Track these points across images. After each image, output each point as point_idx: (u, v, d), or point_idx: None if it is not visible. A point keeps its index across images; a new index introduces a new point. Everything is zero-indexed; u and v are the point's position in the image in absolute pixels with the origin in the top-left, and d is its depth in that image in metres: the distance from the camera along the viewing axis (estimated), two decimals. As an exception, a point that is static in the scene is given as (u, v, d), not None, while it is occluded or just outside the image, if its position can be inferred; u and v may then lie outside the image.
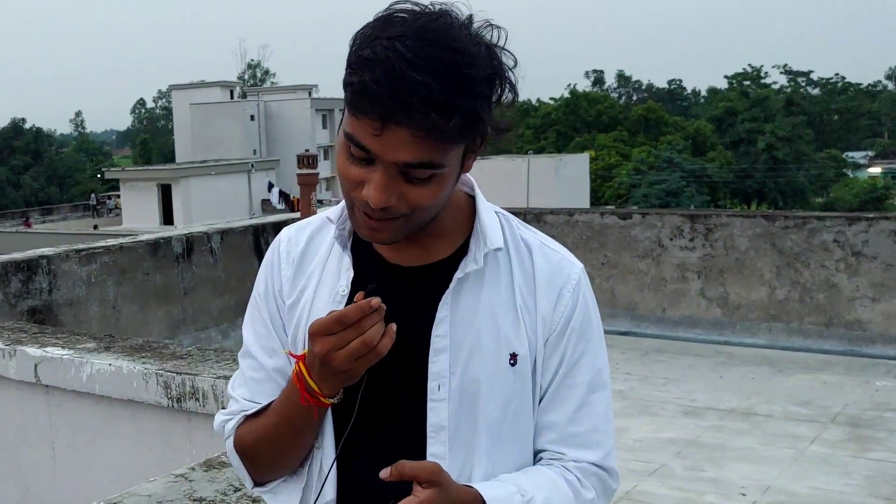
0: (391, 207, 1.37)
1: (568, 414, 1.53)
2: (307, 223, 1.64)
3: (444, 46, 1.30)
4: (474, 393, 1.48)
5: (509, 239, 1.54)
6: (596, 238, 9.56)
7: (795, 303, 8.75)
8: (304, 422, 1.49)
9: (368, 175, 1.36)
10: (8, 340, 4.28)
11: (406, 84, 1.27)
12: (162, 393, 3.66)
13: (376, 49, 1.30)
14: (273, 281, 1.61)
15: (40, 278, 6.86)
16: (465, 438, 1.48)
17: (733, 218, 9.13)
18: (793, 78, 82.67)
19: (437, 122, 1.29)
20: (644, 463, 6.10)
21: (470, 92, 1.31)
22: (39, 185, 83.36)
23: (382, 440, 1.50)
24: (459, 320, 1.48)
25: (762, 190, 64.26)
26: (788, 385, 7.80)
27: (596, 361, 1.55)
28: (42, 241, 31.11)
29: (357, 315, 1.34)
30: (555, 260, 1.55)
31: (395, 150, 1.32)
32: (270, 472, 1.58)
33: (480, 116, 1.34)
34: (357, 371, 1.39)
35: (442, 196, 1.41)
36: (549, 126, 71.69)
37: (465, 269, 1.48)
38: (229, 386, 1.65)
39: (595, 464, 1.53)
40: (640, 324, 9.39)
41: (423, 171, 1.35)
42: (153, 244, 7.98)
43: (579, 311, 1.53)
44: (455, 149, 1.37)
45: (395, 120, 1.29)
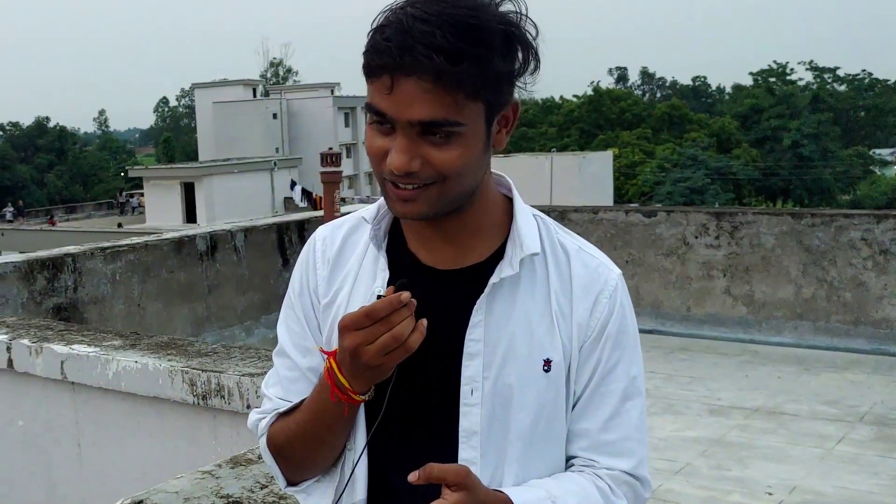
0: (417, 173, 1.37)
1: (601, 421, 1.51)
2: (342, 222, 1.63)
3: (453, 4, 1.32)
4: (507, 398, 1.47)
5: (546, 243, 1.53)
6: (620, 236, 9.52)
7: (822, 301, 8.67)
8: (335, 419, 1.48)
9: (391, 143, 1.37)
10: (35, 338, 4.30)
11: (412, 34, 1.30)
12: (187, 390, 3.66)
13: (388, 15, 1.34)
14: (308, 280, 1.60)
15: (66, 276, 6.90)
16: (496, 443, 1.47)
17: (759, 216, 9.06)
18: (819, 74, 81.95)
19: (443, 67, 1.29)
20: (669, 462, 6.07)
21: (477, 41, 1.31)
22: (63, 183, 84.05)
23: (415, 443, 1.49)
24: (494, 325, 1.47)
25: (788, 187, 63.82)
26: (815, 384, 7.73)
27: (631, 369, 1.53)
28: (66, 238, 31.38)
29: (387, 309, 1.34)
30: (592, 265, 1.53)
31: (407, 107, 1.32)
32: (303, 472, 1.57)
33: (493, 68, 1.33)
34: (387, 366, 1.38)
35: (468, 161, 1.39)
36: (573, 123, 71.48)
37: (500, 274, 1.47)
38: (263, 384, 1.64)
39: (627, 472, 1.52)
40: (665, 322, 9.34)
41: (441, 129, 1.34)
42: (177, 242, 8.01)
43: (615, 318, 1.51)
44: (470, 105, 1.35)
45: (403, 70, 1.30)
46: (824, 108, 71.47)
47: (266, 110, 60.77)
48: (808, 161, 62.82)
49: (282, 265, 8.90)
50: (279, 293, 8.70)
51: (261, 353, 3.91)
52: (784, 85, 74.97)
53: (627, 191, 57.38)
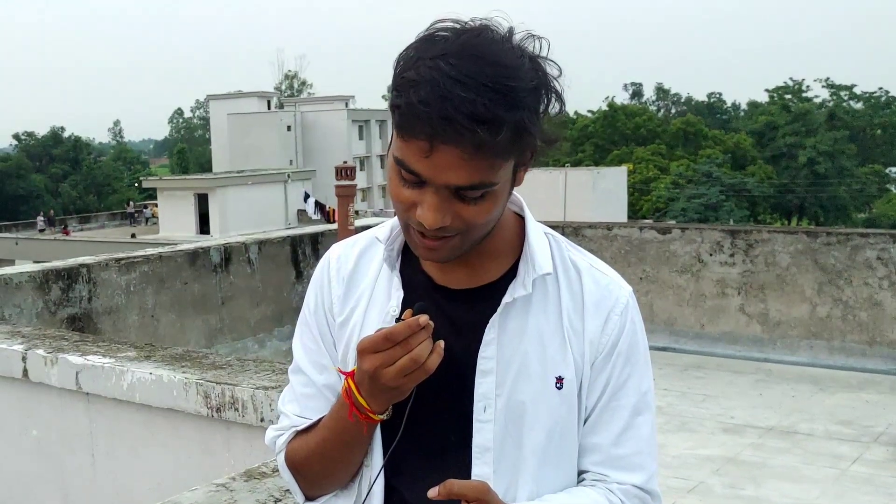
0: (447, 228, 1.38)
1: (612, 436, 1.53)
2: (355, 241, 1.64)
3: (487, 61, 1.30)
4: (520, 415, 1.48)
5: (558, 262, 1.54)
6: (635, 252, 9.50)
7: (838, 320, 8.63)
8: (353, 437, 1.49)
9: (421, 197, 1.37)
10: (50, 348, 4.32)
11: (452, 102, 1.27)
12: (201, 402, 3.67)
13: (420, 70, 1.31)
14: (323, 298, 1.61)
15: (80, 286, 6.92)
16: (510, 460, 1.49)
17: (775, 234, 9.03)
18: (835, 92, 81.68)
19: (485, 138, 1.29)
20: (682, 480, 6.03)
21: (516, 104, 1.31)
22: (77, 193, 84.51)
23: (429, 460, 1.50)
24: (506, 343, 1.48)
25: (803, 205, 63.64)
26: (830, 403, 7.69)
27: (642, 385, 1.55)
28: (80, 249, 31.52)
29: (405, 332, 1.35)
30: (603, 283, 1.55)
31: (445, 172, 1.32)
32: (321, 487, 1.59)
33: (528, 129, 1.33)
34: (405, 388, 1.40)
35: (495, 213, 1.42)
36: (587, 139, 71.51)
37: (513, 293, 1.49)
38: (280, 401, 1.65)
39: (638, 486, 1.53)
40: (679, 339, 9.30)
41: (476, 191, 1.35)
42: (192, 254, 8.03)
43: (626, 335, 1.53)
44: (505, 164, 1.37)
45: (443, 139, 1.29)
46: (840, 125, 71.23)
47: (280, 122, 61.01)
48: (824, 179, 62.63)
49: (295, 278, 8.91)
50: (292, 306, 8.71)
51: (275, 366, 3.91)
52: (800, 102, 74.78)
53: (641, 206, 57.33)
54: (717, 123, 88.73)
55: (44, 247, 39.66)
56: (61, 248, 36.76)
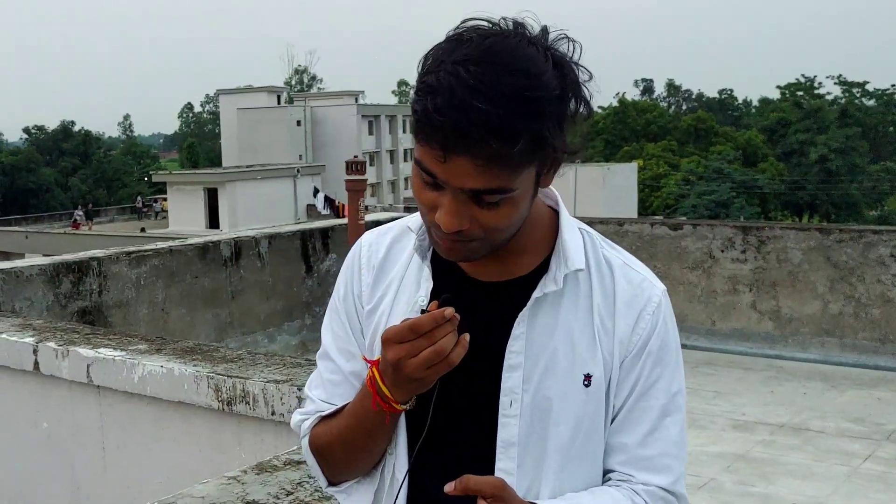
0: (464, 231, 1.37)
1: (639, 437, 1.51)
2: (388, 229, 1.63)
3: (508, 69, 1.28)
4: (546, 411, 1.47)
5: (591, 258, 1.52)
6: (646, 248, 9.47)
7: (850, 317, 8.59)
8: (376, 426, 1.49)
9: (440, 199, 1.36)
10: (61, 341, 4.32)
11: (467, 114, 1.26)
12: (212, 396, 3.66)
13: (440, 75, 1.29)
14: (353, 285, 1.61)
15: (91, 280, 6.92)
16: (534, 456, 1.48)
17: (787, 230, 8.99)
18: (847, 89, 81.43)
19: (500, 150, 1.27)
20: (693, 477, 6.01)
21: (535, 115, 1.29)
22: (87, 187, 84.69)
23: (453, 453, 1.49)
24: (535, 338, 1.47)
25: (814, 202, 63.43)
26: (842, 401, 7.66)
27: (672, 386, 1.53)
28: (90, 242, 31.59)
29: (430, 324, 1.34)
30: (636, 281, 1.52)
31: (460, 177, 1.31)
32: (344, 473, 1.59)
33: (548, 139, 1.31)
34: (429, 379, 1.39)
35: (516, 218, 1.40)
36: (598, 135, 71.36)
37: (544, 289, 1.47)
38: (306, 386, 1.66)
39: (664, 488, 1.51)
40: (690, 336, 9.27)
41: (493, 196, 1.34)
42: (202, 248, 8.03)
43: (657, 335, 1.51)
44: (525, 171, 1.34)
45: (457, 150, 1.28)
46: (852, 122, 70.99)
47: (290, 117, 61.06)
48: (836, 176, 62.43)
49: (305, 272, 8.90)
50: (302, 300, 8.72)
51: (286, 360, 3.91)
52: (812, 99, 74.59)
53: (652, 203, 57.20)
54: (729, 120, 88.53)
55: (53, 240, 39.77)
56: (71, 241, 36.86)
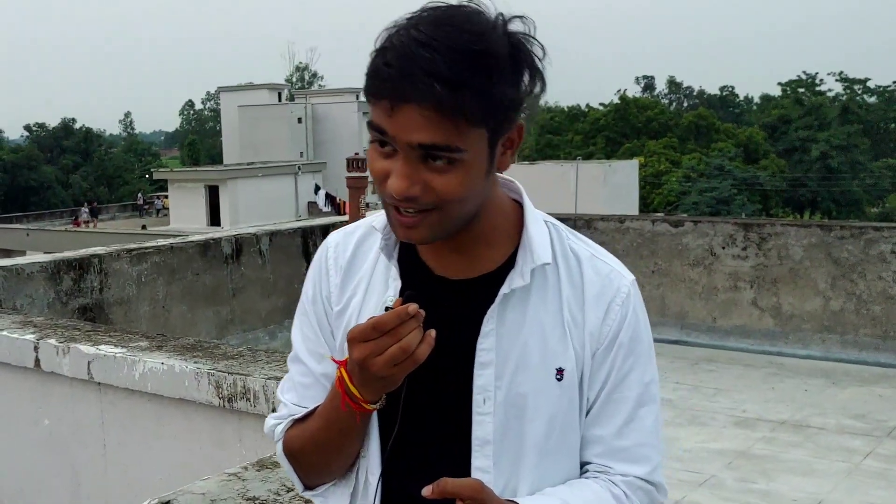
0: (417, 198, 1.36)
1: (615, 428, 1.51)
2: (354, 228, 1.63)
3: (457, 28, 1.31)
4: (521, 407, 1.47)
5: (558, 251, 1.52)
6: (647, 245, 9.46)
7: (851, 314, 8.58)
8: (348, 426, 1.48)
9: (392, 165, 1.36)
10: (62, 338, 4.32)
11: (414, 61, 1.28)
12: (213, 392, 3.67)
13: (392, 38, 1.33)
14: (321, 287, 1.61)
15: (92, 277, 6.93)
16: (510, 453, 1.48)
17: (788, 227, 8.99)
18: (849, 85, 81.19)
19: (443, 96, 1.28)
20: (694, 473, 6.02)
21: (480, 69, 1.30)
22: (88, 184, 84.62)
23: (429, 453, 1.49)
24: (505, 334, 1.47)
25: (815, 199, 63.33)
26: (843, 398, 7.66)
27: (644, 376, 1.53)
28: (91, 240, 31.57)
29: (394, 321, 1.33)
30: (604, 272, 1.53)
31: (408, 130, 1.31)
32: (319, 476, 1.59)
33: (497, 98, 1.32)
34: (396, 377, 1.38)
35: (470, 186, 1.38)
36: (599, 132, 71.20)
37: (511, 284, 1.47)
38: (279, 390, 1.66)
39: (642, 478, 1.52)
40: (691, 333, 9.27)
41: (441, 154, 1.33)
42: (203, 245, 8.03)
43: (628, 325, 1.51)
44: (473, 132, 1.33)
45: (403, 96, 1.29)
46: (854, 119, 70.80)
47: (291, 114, 60.98)
48: (837, 173, 62.32)
49: (306, 269, 8.86)
50: (304, 297, 8.72)
51: (287, 356, 3.90)
52: (813, 96, 74.38)
53: (653, 200, 57.10)
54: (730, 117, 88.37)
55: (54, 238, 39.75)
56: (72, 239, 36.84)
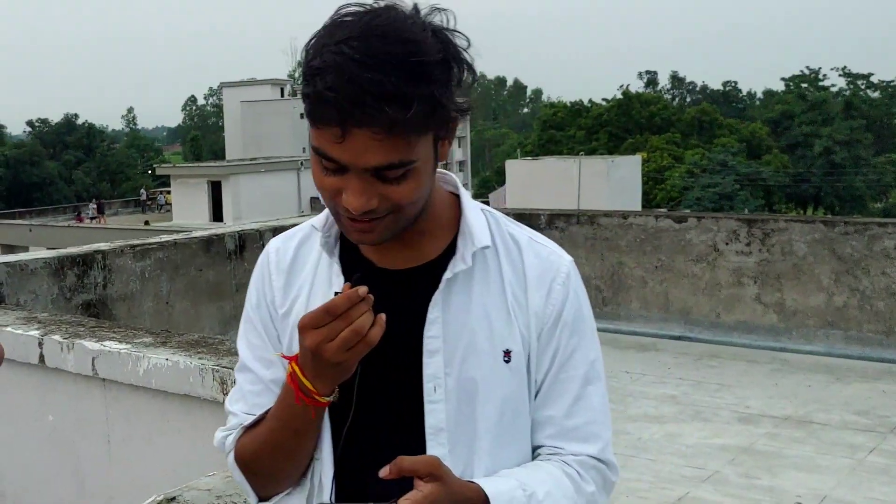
0: (375, 210, 1.37)
1: (564, 408, 1.53)
2: (294, 232, 1.64)
3: (391, 40, 1.31)
4: (472, 392, 1.48)
5: (497, 236, 1.55)
6: (650, 241, 9.45)
7: (854, 310, 8.57)
8: (302, 424, 1.48)
9: (344, 183, 1.36)
10: (66, 334, 4.32)
11: (359, 84, 1.27)
12: (218, 388, 3.66)
13: (325, 57, 1.31)
14: (265, 292, 1.61)
15: (95, 273, 6.93)
16: (464, 439, 1.49)
17: (791, 223, 8.97)
18: (852, 81, 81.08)
19: (396, 116, 1.29)
20: (697, 469, 6.01)
21: (424, 79, 1.31)
22: (91, 180, 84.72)
23: (382, 445, 1.49)
24: (452, 320, 1.48)
25: (818, 194, 63.29)
26: (846, 393, 7.65)
27: (589, 354, 1.56)
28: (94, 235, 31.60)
29: (346, 305, 1.34)
30: (543, 254, 1.55)
31: (361, 155, 1.32)
32: (273, 485, 1.57)
33: (440, 101, 1.33)
34: (350, 363, 1.38)
35: (423, 188, 1.41)
36: (601, 127, 71.17)
37: (453, 269, 1.49)
38: (227, 402, 1.64)
39: (594, 456, 1.54)
40: (694, 328, 9.26)
41: (396, 171, 1.34)
42: (206, 241, 8.03)
43: (570, 304, 1.54)
44: (422, 140, 1.36)
45: (355, 122, 1.29)
46: (857, 114, 70.68)
47: (293, 110, 60.96)
48: (840, 168, 62.26)
49: (310, 265, 8.90)
50: (307, 293, 8.71)
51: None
52: (816, 91, 74.30)
53: (656, 196, 57.09)
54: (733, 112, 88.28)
55: (57, 234, 39.77)
56: (75, 235, 36.85)
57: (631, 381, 8.00)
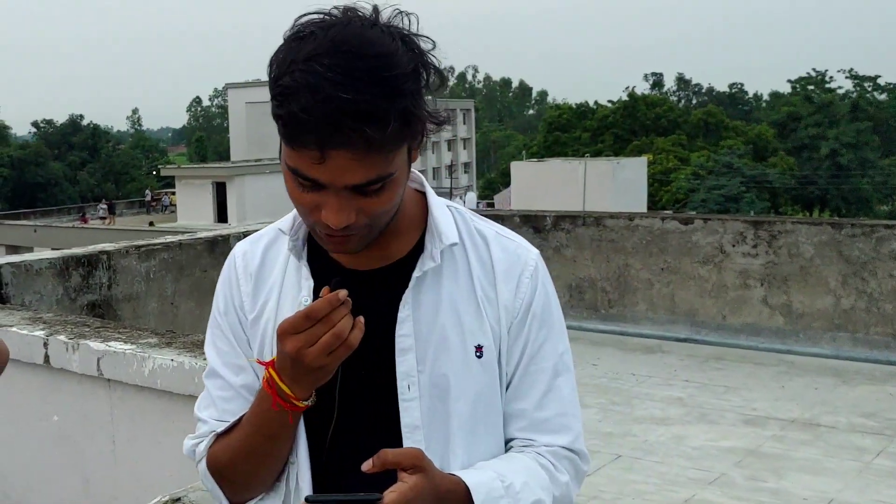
0: (354, 224, 1.37)
1: (535, 400, 1.54)
2: (260, 236, 1.64)
3: (360, 54, 1.28)
4: (444, 389, 1.49)
5: (464, 232, 1.55)
6: (656, 243, 9.43)
7: (862, 312, 8.54)
8: (278, 429, 1.47)
9: (321, 199, 1.36)
10: (71, 334, 4.32)
11: (335, 105, 1.25)
12: (222, 389, 3.65)
13: (295, 75, 1.29)
14: (233, 297, 1.60)
15: (100, 273, 6.93)
16: (439, 435, 1.49)
17: (798, 225, 8.94)
18: (859, 83, 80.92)
19: (374, 136, 1.27)
20: (703, 472, 5.99)
21: (398, 94, 1.29)
22: (96, 181, 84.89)
23: (358, 446, 1.48)
24: (422, 318, 1.49)
25: (825, 197, 63.17)
26: (853, 396, 7.62)
27: (558, 346, 1.56)
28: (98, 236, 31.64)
29: (326, 308, 1.33)
30: (511, 248, 1.56)
31: (340, 174, 1.31)
32: (248, 490, 1.56)
33: (414, 114, 1.33)
34: (330, 367, 1.38)
35: (398, 196, 1.42)
36: (607, 129, 71.16)
37: (422, 267, 1.49)
38: (196, 408, 1.62)
39: (566, 447, 1.55)
40: (700, 331, 9.24)
41: (375, 185, 1.34)
42: (211, 241, 8.03)
43: (539, 297, 1.54)
44: (399, 152, 1.36)
45: (333, 145, 1.28)
46: (864, 116, 70.54)
47: (300, 111, 61.02)
48: (846, 170, 62.15)
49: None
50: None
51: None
52: (823, 93, 74.20)
53: (661, 197, 57.03)
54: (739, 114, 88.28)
55: (62, 234, 39.82)
56: (79, 235, 36.90)
57: (637, 383, 7.98)
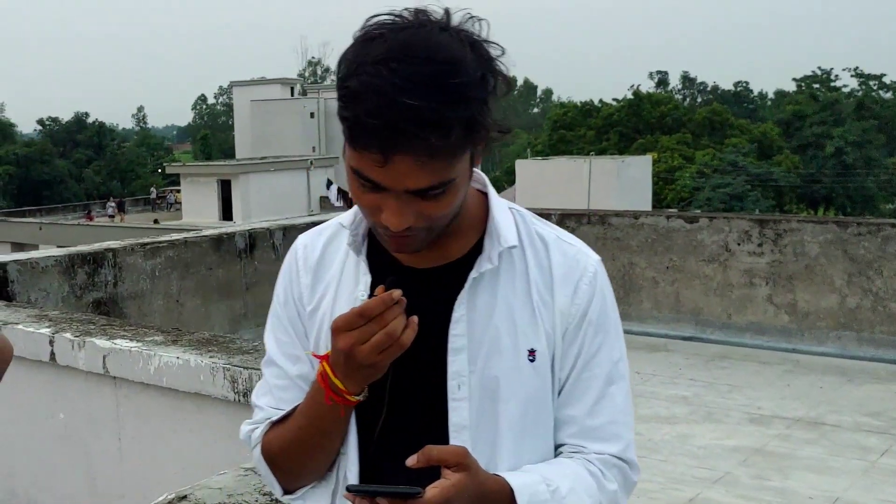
0: (414, 226, 1.38)
1: (587, 407, 1.54)
2: (322, 229, 1.65)
3: (429, 61, 1.29)
4: (494, 390, 1.49)
5: (524, 235, 1.55)
6: (661, 241, 9.42)
7: (867, 311, 8.53)
8: (330, 423, 1.49)
9: (383, 200, 1.37)
10: (77, 332, 4.32)
11: (401, 112, 1.26)
12: (228, 387, 3.66)
13: (362, 78, 1.29)
14: (292, 288, 1.62)
15: (106, 271, 6.94)
16: (487, 436, 1.49)
17: (804, 223, 8.93)
18: (864, 81, 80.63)
19: (437, 143, 1.28)
20: (708, 470, 5.99)
21: (464, 102, 1.30)
22: (101, 178, 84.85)
23: (407, 443, 1.49)
24: (477, 319, 1.49)
25: (830, 195, 63.04)
26: (858, 395, 7.61)
27: (613, 353, 1.56)
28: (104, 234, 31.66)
29: (380, 308, 1.35)
30: (570, 253, 1.55)
31: (401, 179, 1.32)
32: (299, 478, 1.58)
33: (479, 122, 1.33)
34: (381, 364, 1.39)
35: (459, 201, 1.43)
36: (612, 127, 70.95)
37: (479, 268, 1.49)
38: (253, 395, 1.65)
39: (616, 456, 1.54)
40: (706, 329, 9.23)
41: (436, 190, 1.35)
42: (216, 239, 8.03)
43: (596, 303, 1.53)
44: (462, 158, 1.36)
45: (396, 150, 1.29)
46: (869, 115, 70.32)
47: (303, 109, 61.01)
48: (852, 169, 62.00)
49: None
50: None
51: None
52: (828, 91, 73.98)
53: (666, 196, 56.92)
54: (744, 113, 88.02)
55: (67, 232, 39.86)
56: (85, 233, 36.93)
57: (642, 381, 7.98)
